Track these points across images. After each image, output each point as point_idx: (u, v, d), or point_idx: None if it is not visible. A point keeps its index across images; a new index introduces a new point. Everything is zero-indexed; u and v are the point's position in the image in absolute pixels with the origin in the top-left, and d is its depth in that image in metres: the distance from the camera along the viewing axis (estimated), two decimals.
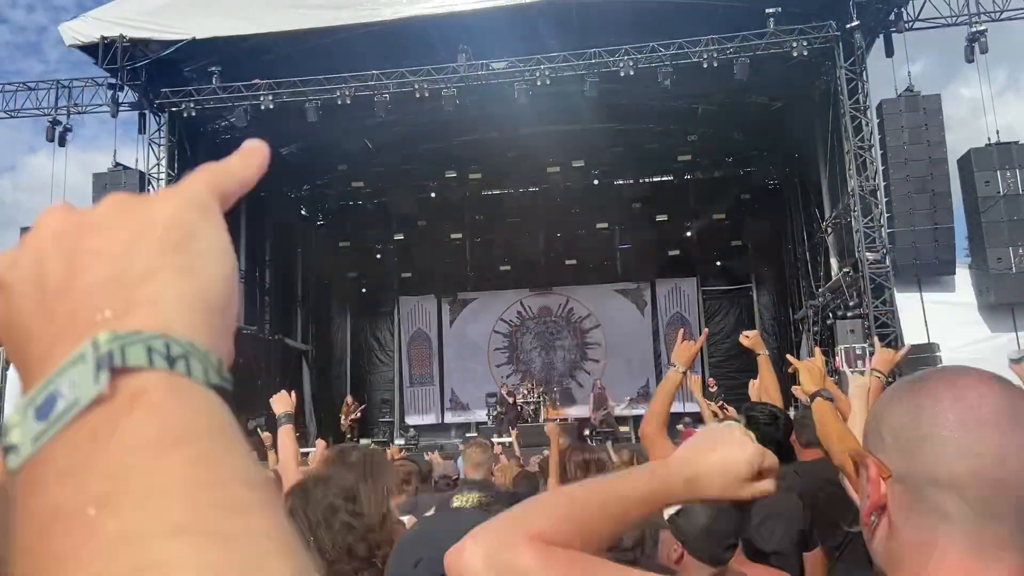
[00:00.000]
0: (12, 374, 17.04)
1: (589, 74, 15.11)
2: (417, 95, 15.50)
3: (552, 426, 4.54)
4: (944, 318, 14.36)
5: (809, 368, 2.75)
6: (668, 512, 2.37)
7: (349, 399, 18.78)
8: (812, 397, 2.61)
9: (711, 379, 18.66)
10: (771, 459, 1.00)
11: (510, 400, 17.56)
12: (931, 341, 13.88)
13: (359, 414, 18.29)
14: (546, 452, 10.83)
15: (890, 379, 3.34)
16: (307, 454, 14.92)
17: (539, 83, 15.29)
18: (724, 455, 0.99)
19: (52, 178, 16.30)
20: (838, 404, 2.80)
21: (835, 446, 2.42)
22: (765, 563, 2.56)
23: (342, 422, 17.79)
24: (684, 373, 3.05)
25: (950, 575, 0.79)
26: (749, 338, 4.04)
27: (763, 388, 4.01)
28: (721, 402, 16.88)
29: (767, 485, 1.00)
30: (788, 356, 3.53)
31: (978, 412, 0.83)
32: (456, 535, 0.88)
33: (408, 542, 1.89)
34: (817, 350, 3.25)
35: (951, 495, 0.81)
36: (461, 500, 3.17)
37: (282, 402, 3.72)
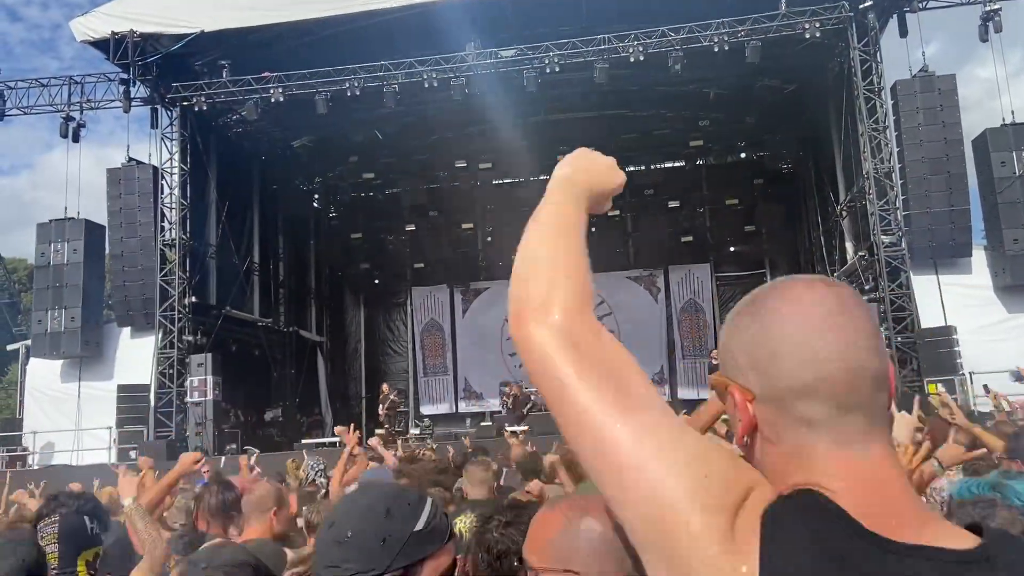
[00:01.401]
0: (31, 367, 17.26)
1: (599, 60, 15.01)
2: (426, 85, 15.47)
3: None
4: (960, 300, 14.23)
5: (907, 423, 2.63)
6: None
7: (385, 387, 18.70)
8: None
9: (713, 351, 18.59)
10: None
11: (509, 403, 17.50)
12: (947, 324, 13.78)
13: (395, 397, 18.02)
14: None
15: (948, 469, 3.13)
16: (321, 445, 15.02)
17: (548, 70, 15.22)
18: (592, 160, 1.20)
19: (67, 175, 16.43)
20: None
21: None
22: None
23: (380, 411, 17.77)
24: None
25: (822, 471, 0.83)
26: None
27: None
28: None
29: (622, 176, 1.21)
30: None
31: (813, 318, 0.87)
32: None
33: None
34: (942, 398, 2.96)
35: (809, 401, 0.85)
36: (461, 522, 3.09)
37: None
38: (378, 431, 17.79)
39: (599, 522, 1.20)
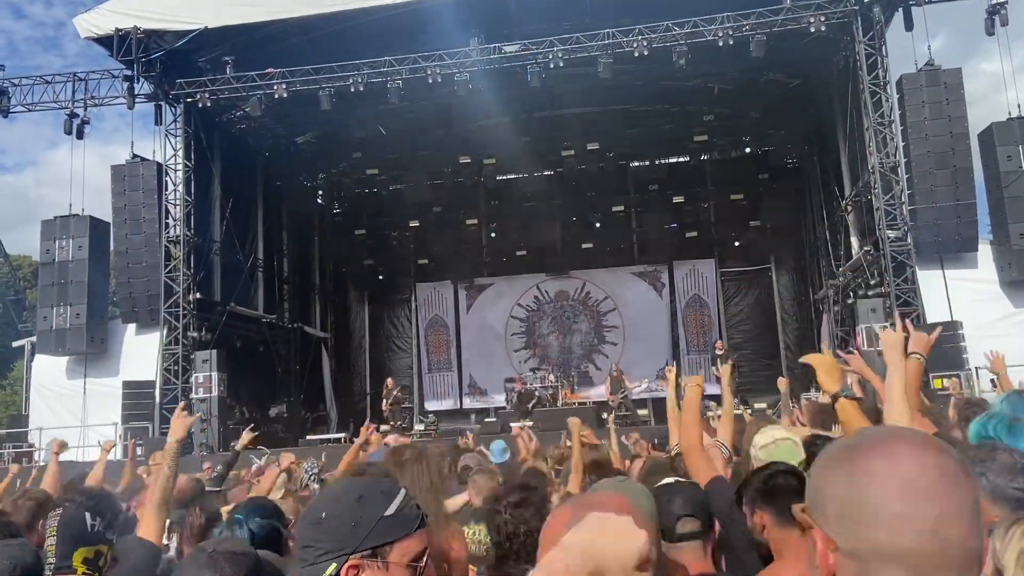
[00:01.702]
0: (37, 364, 17.30)
1: (602, 55, 14.96)
2: (430, 80, 15.44)
3: (574, 420, 4.30)
4: (966, 295, 14.17)
5: (825, 367, 2.50)
6: None
7: (390, 382, 18.70)
8: (834, 398, 2.40)
9: (719, 342, 18.58)
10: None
11: (514, 396, 17.50)
12: (954, 319, 13.72)
13: (399, 392, 18.08)
14: (568, 442, 10.84)
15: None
16: (326, 441, 15.03)
17: (552, 66, 15.17)
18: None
19: (71, 172, 16.45)
20: (867, 387, 2.65)
21: None
22: None
23: (384, 406, 17.75)
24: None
25: None
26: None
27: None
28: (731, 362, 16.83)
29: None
30: (802, 359, 2.88)
31: (915, 484, 0.83)
32: None
33: None
34: (824, 344, 2.93)
35: (894, 567, 0.82)
36: (470, 532, 3.11)
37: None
38: (383, 427, 17.85)
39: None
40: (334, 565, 1.35)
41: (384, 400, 17.80)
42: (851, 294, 15.69)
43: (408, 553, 1.39)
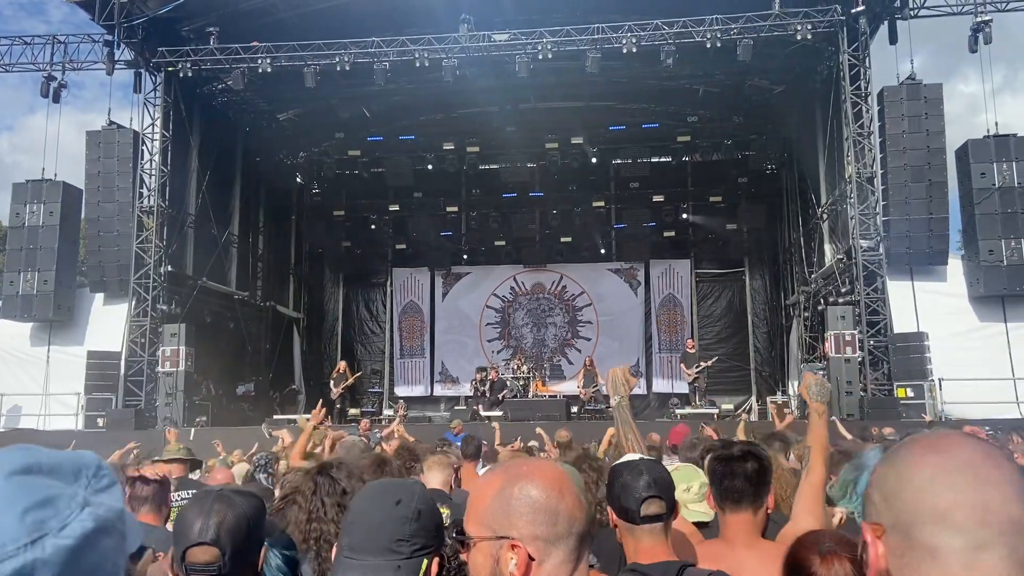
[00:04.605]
0: (1, 329, 16.96)
1: (591, 50, 14.96)
2: (417, 64, 15.33)
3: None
4: (934, 307, 14.42)
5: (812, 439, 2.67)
6: None
7: (342, 365, 18.17)
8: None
9: (689, 340, 18.76)
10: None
11: (483, 388, 17.43)
12: (920, 330, 13.97)
13: (351, 381, 17.75)
14: (537, 429, 10.85)
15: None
16: (293, 422, 14.92)
17: (541, 56, 15.13)
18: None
19: (46, 137, 16.10)
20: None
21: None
22: None
23: (332, 389, 17.33)
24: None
25: None
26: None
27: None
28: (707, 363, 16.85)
29: None
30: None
31: (955, 458, 0.86)
32: None
33: None
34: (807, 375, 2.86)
35: (937, 528, 0.82)
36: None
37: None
38: (352, 410, 17.77)
39: (534, 485, 1.24)
40: (426, 562, 1.47)
41: (333, 384, 17.41)
42: (822, 300, 15.89)
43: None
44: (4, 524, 0.70)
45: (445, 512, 3.49)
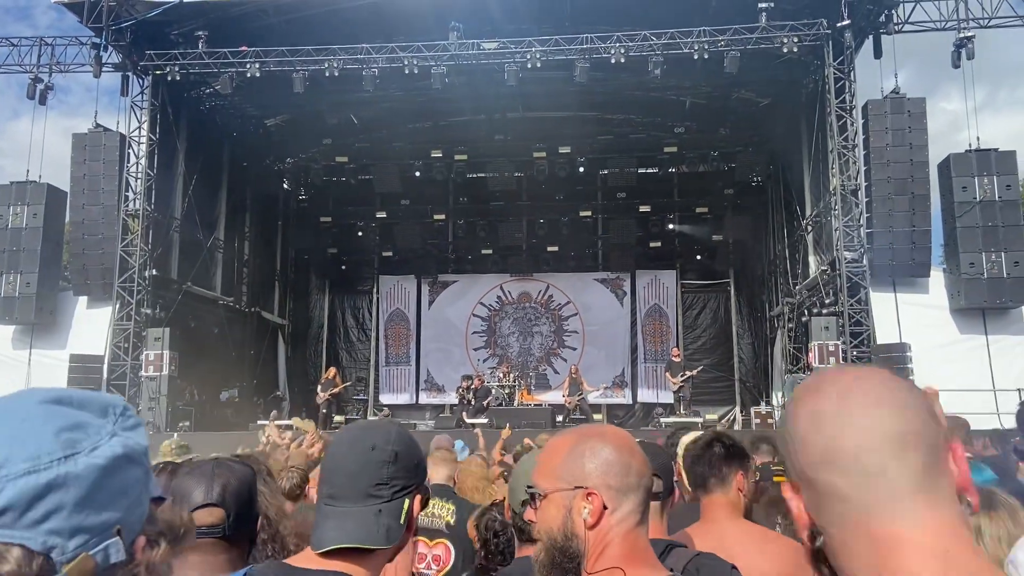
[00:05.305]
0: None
1: (580, 60, 15.06)
2: (406, 71, 15.36)
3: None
4: (916, 319, 14.58)
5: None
6: None
7: (332, 371, 18.07)
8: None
9: (675, 349, 18.83)
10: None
11: (469, 394, 17.36)
12: (902, 341, 14.10)
13: (339, 389, 17.62)
14: (526, 440, 10.83)
15: None
16: (281, 427, 14.84)
17: (529, 66, 15.21)
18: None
19: (31, 139, 15.99)
20: None
21: None
22: None
23: (319, 394, 17.18)
24: None
25: (873, 542, 0.81)
26: None
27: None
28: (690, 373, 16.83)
29: None
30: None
31: (825, 398, 0.86)
32: None
33: None
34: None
35: (833, 472, 0.83)
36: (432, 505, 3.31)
37: None
38: (337, 417, 17.66)
39: (606, 442, 1.39)
40: (407, 501, 1.47)
41: (320, 389, 17.29)
42: (806, 311, 16.01)
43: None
44: (40, 439, 0.75)
45: (450, 508, 3.52)
